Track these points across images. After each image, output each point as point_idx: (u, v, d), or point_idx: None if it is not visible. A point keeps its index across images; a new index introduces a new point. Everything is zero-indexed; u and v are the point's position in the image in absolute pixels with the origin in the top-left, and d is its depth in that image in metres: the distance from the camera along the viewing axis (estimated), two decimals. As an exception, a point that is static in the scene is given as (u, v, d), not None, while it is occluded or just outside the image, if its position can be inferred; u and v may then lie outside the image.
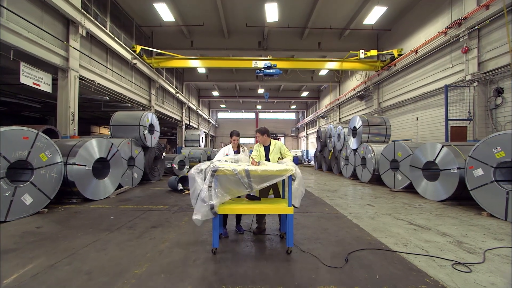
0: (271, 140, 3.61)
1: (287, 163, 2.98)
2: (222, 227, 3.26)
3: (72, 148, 5.15)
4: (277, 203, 2.90)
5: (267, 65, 11.83)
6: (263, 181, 2.61)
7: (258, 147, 3.57)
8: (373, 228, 3.70)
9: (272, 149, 3.53)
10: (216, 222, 2.63)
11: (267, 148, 3.55)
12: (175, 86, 17.34)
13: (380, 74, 12.76)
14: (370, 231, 3.54)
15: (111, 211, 4.58)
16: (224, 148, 3.68)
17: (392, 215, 4.47)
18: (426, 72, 9.85)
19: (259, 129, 3.58)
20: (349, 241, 3.15)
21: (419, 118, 10.49)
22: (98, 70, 9.10)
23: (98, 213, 4.44)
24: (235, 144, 3.65)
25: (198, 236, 3.26)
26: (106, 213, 4.43)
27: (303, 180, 2.78)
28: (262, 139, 3.55)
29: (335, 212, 4.66)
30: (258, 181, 2.61)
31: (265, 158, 3.51)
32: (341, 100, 18.54)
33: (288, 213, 2.70)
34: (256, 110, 31.02)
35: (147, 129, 8.14)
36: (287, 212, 2.70)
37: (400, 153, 7.39)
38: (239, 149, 3.64)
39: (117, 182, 6.24)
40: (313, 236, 3.32)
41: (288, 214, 2.70)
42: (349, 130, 10.84)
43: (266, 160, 3.44)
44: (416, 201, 5.76)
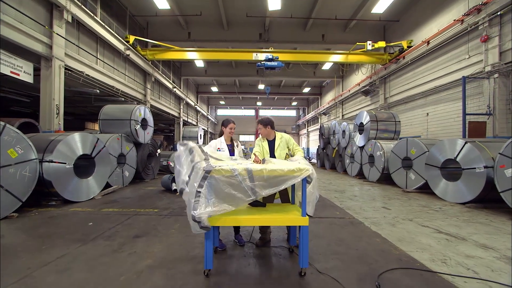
0: (276, 133, 3.01)
1: (299, 160, 2.38)
2: (218, 238, 2.67)
3: (50, 144, 4.54)
4: (287, 212, 2.31)
5: (269, 57, 11.18)
6: (270, 185, 2.02)
7: (261, 142, 2.97)
8: (398, 238, 3.12)
9: (278, 144, 2.92)
10: (209, 236, 2.05)
11: (272, 143, 2.95)
12: (172, 81, 16.68)
13: (387, 68, 12.13)
14: (395, 242, 2.96)
15: (92, 215, 3.99)
16: (215, 141, 2.99)
17: (414, 221, 3.89)
18: (439, 64, 9.23)
19: (261, 119, 2.96)
20: (373, 256, 2.57)
21: (429, 113, 9.89)
22: (87, 60, 8.46)
23: (76, 218, 3.85)
24: (228, 137, 3.00)
25: (188, 249, 2.68)
26: (86, 218, 3.85)
27: (317, 182, 2.20)
28: (266, 131, 2.94)
29: (349, 217, 4.08)
30: (264, 185, 2.02)
31: (269, 154, 2.91)
32: (344, 96, 17.91)
33: (302, 225, 2.11)
34: (256, 106, 30.36)
35: (139, 123, 7.53)
36: (301, 224, 2.11)
37: (413, 151, 6.81)
38: (233, 143, 3.03)
39: (104, 181, 5.65)
40: (328, 249, 2.74)
41: (302, 227, 2.11)
42: (355, 126, 10.23)
43: (271, 157, 2.84)
44: (434, 203, 5.20)
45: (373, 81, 13.38)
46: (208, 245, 2.06)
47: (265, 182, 2.03)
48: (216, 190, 1.97)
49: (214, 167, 1.96)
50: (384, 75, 12.47)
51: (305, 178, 2.07)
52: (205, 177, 1.94)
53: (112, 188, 6.06)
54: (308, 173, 2.06)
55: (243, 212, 2.23)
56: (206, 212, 1.91)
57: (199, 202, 1.91)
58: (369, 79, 13.71)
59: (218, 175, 1.96)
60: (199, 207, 1.89)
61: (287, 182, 2.05)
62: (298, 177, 2.05)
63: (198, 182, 1.93)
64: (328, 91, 22.59)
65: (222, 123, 3.05)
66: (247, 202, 2.01)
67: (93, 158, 5.35)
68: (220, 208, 1.93)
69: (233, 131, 2.98)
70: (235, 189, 1.97)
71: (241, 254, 2.62)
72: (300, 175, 2.05)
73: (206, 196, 1.93)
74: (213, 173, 1.96)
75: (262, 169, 2.03)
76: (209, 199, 1.94)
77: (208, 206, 1.91)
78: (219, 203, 1.94)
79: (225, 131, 2.97)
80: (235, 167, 1.98)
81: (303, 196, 2.12)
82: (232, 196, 1.96)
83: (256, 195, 2.00)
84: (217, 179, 1.96)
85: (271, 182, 2.04)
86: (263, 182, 2.03)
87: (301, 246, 2.11)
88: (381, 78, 12.82)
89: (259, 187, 2.01)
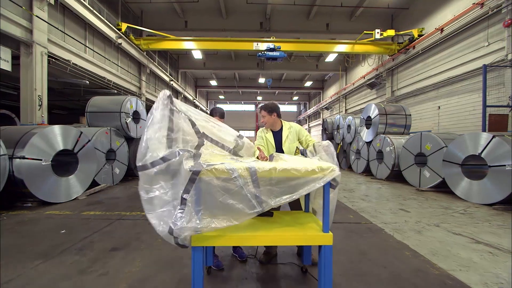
0: (283, 122, 2.44)
1: (320, 155, 1.81)
2: (211, 254, 2.13)
3: (22, 137, 3.97)
4: (301, 224, 1.76)
5: (270, 47, 10.52)
6: (283, 192, 1.46)
7: (264, 133, 2.39)
8: (431, 250, 2.58)
9: (287, 135, 2.35)
10: (197, 252, 1.49)
11: (278, 134, 2.37)
12: (169, 74, 16.01)
13: (396, 59, 11.48)
14: (429, 257, 2.42)
15: (68, 220, 3.44)
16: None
17: (441, 227, 3.36)
18: (453, 53, 8.60)
19: (265, 105, 2.38)
20: (409, 277, 2.04)
21: (441, 106, 9.30)
22: (74, 48, 7.82)
23: (49, 224, 3.30)
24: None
25: (176, 269, 2.14)
26: (61, 223, 3.31)
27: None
28: (271, 120, 2.36)
29: (365, 222, 3.54)
30: (273, 191, 1.46)
31: (275, 149, 2.35)
32: (348, 90, 17.27)
33: (324, 245, 1.56)
34: (256, 101, 29.67)
35: (130, 116, 6.94)
36: (323, 243, 1.56)
37: (428, 146, 6.25)
38: None
39: (89, 179, 5.09)
40: (350, 267, 2.20)
41: (325, 246, 1.56)
42: (361, 120, 9.65)
43: (277, 152, 2.27)
44: (456, 204, 4.66)
45: (379, 73, 12.74)
46: (196, 266, 1.50)
47: (275, 187, 1.47)
48: (206, 198, 1.41)
49: (204, 167, 1.39)
50: (392, 66, 11.83)
51: (329, 181, 1.51)
52: (193, 179, 1.38)
53: (99, 187, 5.52)
54: (333, 174, 1.50)
55: (242, 225, 1.67)
56: (190, 228, 1.35)
57: (183, 212, 1.34)
58: (375, 71, 13.07)
59: (209, 176, 1.40)
60: (182, 219, 1.33)
61: (305, 187, 1.49)
62: (320, 180, 1.49)
63: (184, 186, 1.37)
64: (331, 85, 21.92)
65: (217, 113, 2.44)
66: (251, 216, 1.45)
67: (76, 154, 4.79)
68: (210, 224, 1.37)
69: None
70: (234, 197, 1.41)
71: (241, 275, 2.07)
72: (323, 177, 1.49)
73: (194, 206, 1.37)
74: (203, 175, 1.39)
75: (271, 169, 1.46)
76: (197, 211, 1.38)
77: (194, 219, 1.35)
78: (210, 217, 1.39)
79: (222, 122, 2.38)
80: (233, 167, 1.42)
81: (325, 205, 1.56)
82: (229, 207, 1.40)
83: (263, 206, 1.44)
84: (209, 183, 1.40)
85: (283, 187, 1.48)
86: (272, 187, 1.47)
87: (322, 273, 1.56)
88: (388, 70, 12.18)
89: (266, 194, 1.46)
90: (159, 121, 1.48)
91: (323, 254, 1.57)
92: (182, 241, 1.30)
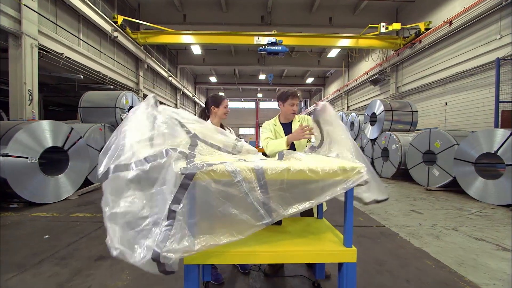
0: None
1: (343, 152, 1.51)
2: (210, 266, 1.85)
3: (6, 133, 3.68)
4: (316, 235, 1.48)
5: (272, 41, 10.18)
6: (297, 198, 1.18)
7: (272, 126, 2.09)
8: (455, 259, 2.31)
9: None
10: (191, 276, 1.21)
11: (289, 126, 2.07)
12: (168, 69, 15.65)
13: (401, 54, 11.14)
14: (455, 267, 2.15)
15: (55, 223, 3.17)
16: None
17: (460, 231, 3.09)
18: (462, 47, 8.27)
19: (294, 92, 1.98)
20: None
21: (448, 103, 9.00)
22: (67, 41, 7.48)
23: (32, 227, 3.03)
24: (219, 121, 2.06)
25: (169, 283, 1.86)
26: (46, 227, 3.03)
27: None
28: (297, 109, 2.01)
29: (377, 225, 3.27)
30: (285, 198, 1.17)
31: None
32: (350, 87, 16.93)
33: (345, 262, 1.28)
34: (256, 98, 29.30)
35: (126, 112, 6.63)
36: (345, 260, 1.28)
37: (438, 143, 5.97)
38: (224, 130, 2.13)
39: (81, 178, 4.81)
40: (368, 281, 1.93)
41: (347, 264, 1.28)
42: (365, 117, 9.36)
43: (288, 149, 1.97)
44: (470, 205, 4.40)
45: (383, 69, 12.40)
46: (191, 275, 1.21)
47: (288, 193, 1.19)
48: (202, 207, 1.12)
49: (200, 169, 1.11)
50: (397, 61, 11.50)
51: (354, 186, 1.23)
52: (185, 185, 1.09)
53: (92, 186, 5.24)
54: (361, 177, 1.22)
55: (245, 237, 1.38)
56: (182, 250, 1.05)
57: (172, 229, 1.05)
58: (379, 67, 12.73)
59: (205, 180, 1.11)
60: (171, 239, 1.04)
61: (324, 192, 1.21)
62: (345, 184, 1.20)
63: (173, 195, 1.08)
64: (333, 82, 21.58)
65: (210, 101, 2.06)
66: (258, 229, 1.16)
67: (66, 152, 4.50)
68: (209, 242, 1.08)
69: (225, 114, 2.06)
70: (237, 206, 1.12)
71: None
72: (349, 180, 1.21)
73: (186, 219, 1.09)
74: (198, 179, 1.10)
75: (283, 170, 1.17)
76: (191, 225, 1.09)
77: (187, 237, 1.06)
78: (207, 233, 1.10)
79: (218, 112, 2.03)
80: (235, 168, 1.13)
81: (348, 214, 1.28)
82: (231, 219, 1.11)
83: (273, 217, 1.16)
84: (205, 189, 1.11)
85: (297, 192, 1.20)
86: (283, 192, 1.18)
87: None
88: (393, 66, 11.85)
89: (277, 202, 1.17)
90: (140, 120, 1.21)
91: (345, 273, 1.29)
92: (170, 267, 1.01)
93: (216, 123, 2.04)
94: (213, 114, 2.03)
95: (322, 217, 1.78)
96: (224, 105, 2.02)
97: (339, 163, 1.28)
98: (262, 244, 1.33)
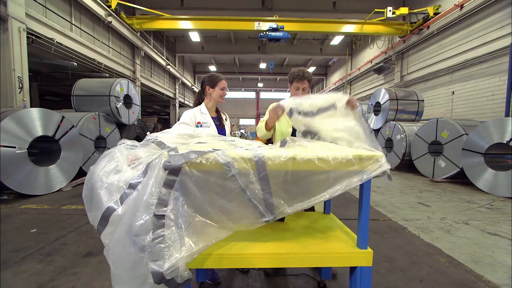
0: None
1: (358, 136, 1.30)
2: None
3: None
4: (323, 234, 1.29)
5: (273, 27, 9.74)
6: (303, 192, 0.98)
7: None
8: (470, 256, 2.15)
9: None
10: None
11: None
12: (166, 58, 15.20)
13: (407, 40, 10.70)
14: (470, 265, 1.99)
15: (44, 216, 3.01)
16: (190, 112, 1.79)
17: (471, 225, 2.92)
18: (473, 33, 7.88)
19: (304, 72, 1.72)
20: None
21: (455, 92, 8.69)
22: (58, 25, 7.12)
23: (21, 220, 2.87)
24: (214, 105, 1.82)
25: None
26: (34, 220, 2.87)
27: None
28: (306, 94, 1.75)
29: (383, 219, 3.11)
30: (290, 192, 0.98)
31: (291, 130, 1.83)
32: (353, 76, 16.49)
33: (359, 266, 1.10)
34: (257, 88, 28.81)
35: (121, 101, 6.39)
36: (360, 263, 1.10)
37: (445, 133, 5.75)
38: (220, 115, 1.89)
39: (75, 169, 4.64)
40: (379, 281, 1.77)
41: (361, 268, 1.10)
42: (369, 106, 9.11)
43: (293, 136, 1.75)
44: (478, 197, 4.23)
45: (388, 56, 11.97)
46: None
47: (293, 186, 0.99)
48: (191, 205, 0.93)
49: (190, 159, 0.90)
50: (403, 49, 11.07)
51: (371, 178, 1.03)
52: (171, 183, 0.89)
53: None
54: (380, 167, 1.02)
55: (243, 236, 1.19)
56: (185, 258, 0.87)
57: (165, 240, 0.85)
58: (384, 55, 12.30)
59: (194, 174, 0.91)
60: (169, 252, 0.85)
61: (336, 185, 1.01)
62: (361, 175, 1.00)
63: (157, 195, 0.88)
64: (335, 71, 21.07)
65: (206, 81, 1.82)
66: (257, 226, 0.97)
67: (58, 141, 4.30)
68: (203, 243, 0.90)
69: (222, 96, 1.82)
70: (231, 200, 0.93)
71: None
72: (365, 170, 1.01)
73: (178, 224, 0.89)
74: (186, 173, 0.90)
75: (287, 159, 0.97)
76: (183, 228, 0.90)
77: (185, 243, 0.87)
78: (201, 234, 0.91)
79: (213, 94, 1.80)
80: (229, 160, 0.92)
81: (363, 211, 1.09)
82: (225, 217, 0.92)
83: (275, 214, 0.97)
84: (195, 182, 0.91)
85: (304, 185, 1.00)
86: (288, 186, 0.98)
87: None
88: (398, 53, 11.42)
89: (280, 196, 0.97)
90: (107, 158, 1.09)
91: (359, 278, 1.11)
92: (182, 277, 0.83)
93: (211, 107, 1.83)
94: (208, 96, 1.81)
95: (329, 212, 1.59)
96: (221, 86, 1.78)
97: (352, 151, 1.07)
98: (263, 245, 1.14)
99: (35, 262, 1.95)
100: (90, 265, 1.91)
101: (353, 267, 1.14)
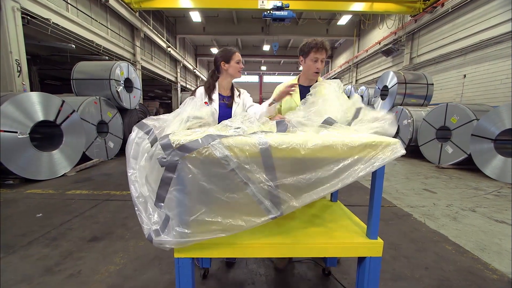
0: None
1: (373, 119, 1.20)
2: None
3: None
4: (331, 223, 1.25)
5: (277, 5, 9.24)
6: (313, 183, 0.91)
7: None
8: (477, 244, 2.12)
9: None
10: (183, 270, 1.00)
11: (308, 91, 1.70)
12: (166, 40, 14.72)
13: (419, 20, 10.13)
14: (478, 253, 1.97)
15: (49, 201, 3.03)
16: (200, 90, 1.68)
17: (478, 212, 2.88)
18: (491, 10, 7.38)
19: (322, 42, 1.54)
20: (461, 285, 1.58)
21: (467, 75, 8.32)
22: (53, 5, 6.82)
23: (26, 205, 2.90)
24: (229, 82, 1.70)
25: (165, 268, 1.71)
26: (39, 205, 2.90)
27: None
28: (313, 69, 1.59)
29: (388, 205, 3.08)
30: (298, 183, 0.91)
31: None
32: (360, 58, 15.89)
33: (368, 256, 1.06)
34: (260, 71, 28.14)
35: (121, 84, 6.26)
36: (369, 254, 1.06)
37: (454, 119, 5.57)
38: (233, 94, 1.74)
39: (78, 154, 4.64)
40: (384, 268, 1.75)
41: (370, 258, 1.06)
42: (376, 90, 8.83)
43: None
44: (485, 184, 4.16)
45: (398, 37, 11.41)
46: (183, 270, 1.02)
47: (302, 177, 0.92)
48: (190, 194, 0.87)
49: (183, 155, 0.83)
50: (414, 29, 10.51)
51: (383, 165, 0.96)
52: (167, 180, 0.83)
53: (91, 162, 5.09)
54: (396, 152, 0.94)
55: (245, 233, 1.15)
56: (171, 242, 0.83)
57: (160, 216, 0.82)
58: (393, 36, 11.72)
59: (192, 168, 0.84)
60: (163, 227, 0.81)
61: (350, 172, 0.94)
62: (375, 160, 0.93)
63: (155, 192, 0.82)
64: (341, 53, 20.32)
65: (219, 56, 1.66)
66: (261, 223, 0.92)
67: (59, 126, 4.26)
68: (201, 236, 0.85)
69: (242, 66, 1.68)
70: (232, 193, 0.87)
71: (245, 278, 1.64)
72: (378, 156, 0.93)
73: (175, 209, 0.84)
74: (183, 170, 0.84)
75: (296, 145, 0.89)
76: (180, 214, 0.85)
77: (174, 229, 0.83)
78: (199, 225, 0.86)
79: (229, 70, 1.64)
80: (227, 153, 0.85)
81: (375, 199, 1.03)
82: (226, 213, 0.86)
83: (282, 209, 0.91)
84: (194, 178, 0.85)
85: (314, 174, 0.93)
86: (297, 176, 0.91)
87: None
88: (409, 34, 10.87)
89: (287, 189, 0.91)
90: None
91: (368, 268, 1.07)
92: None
93: (226, 84, 1.72)
94: (224, 72, 1.67)
95: (337, 200, 1.54)
96: (236, 59, 1.65)
97: (365, 136, 0.99)
98: (269, 234, 1.10)
99: (41, 246, 1.97)
100: (95, 250, 1.93)
101: (362, 257, 1.10)
